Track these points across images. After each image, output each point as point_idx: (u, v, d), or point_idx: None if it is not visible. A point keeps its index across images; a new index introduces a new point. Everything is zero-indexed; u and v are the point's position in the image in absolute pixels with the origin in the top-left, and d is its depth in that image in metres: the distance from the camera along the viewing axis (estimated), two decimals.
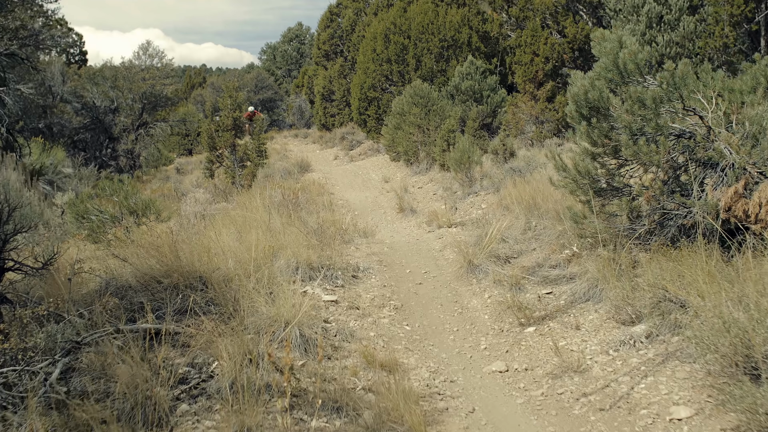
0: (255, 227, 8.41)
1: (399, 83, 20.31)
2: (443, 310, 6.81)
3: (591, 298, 6.38)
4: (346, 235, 9.08)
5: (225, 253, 6.77)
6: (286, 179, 15.92)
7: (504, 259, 7.68)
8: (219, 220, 9.06)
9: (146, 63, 25.55)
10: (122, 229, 7.38)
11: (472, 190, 12.93)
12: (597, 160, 7.28)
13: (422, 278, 7.73)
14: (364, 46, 21.58)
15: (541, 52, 17.40)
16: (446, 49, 19.98)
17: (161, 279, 5.85)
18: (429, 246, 9.11)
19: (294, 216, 9.71)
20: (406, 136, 16.93)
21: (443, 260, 8.35)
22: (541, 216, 8.83)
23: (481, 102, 18.24)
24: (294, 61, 52.36)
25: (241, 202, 11.54)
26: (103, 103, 24.08)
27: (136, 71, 24.82)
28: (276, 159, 20.31)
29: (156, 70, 25.52)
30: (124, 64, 25.15)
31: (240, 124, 14.69)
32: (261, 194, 11.49)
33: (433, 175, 15.52)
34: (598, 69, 7.18)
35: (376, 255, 8.48)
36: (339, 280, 7.11)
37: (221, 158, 14.95)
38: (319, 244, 8.07)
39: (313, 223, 8.80)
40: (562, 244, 7.68)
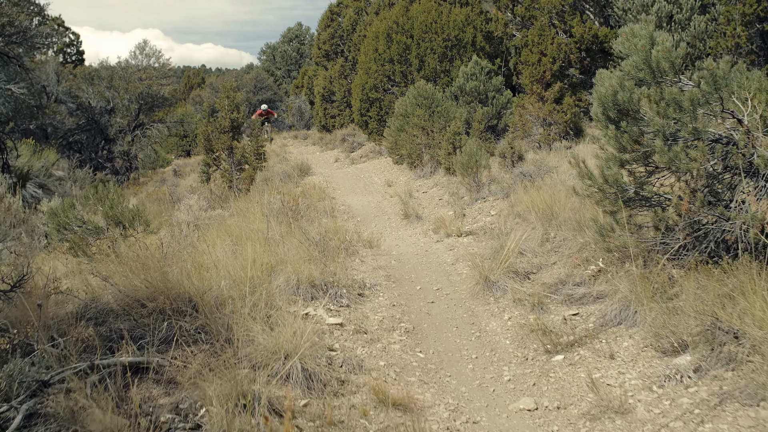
0: (252, 239, 7.74)
1: (401, 84, 19.63)
2: (459, 334, 6.12)
3: (623, 321, 5.71)
4: (350, 247, 8.40)
5: (219, 269, 6.08)
6: (286, 183, 15.24)
7: (523, 275, 6.99)
8: (213, 231, 8.38)
9: (143, 63, 24.85)
10: (107, 242, 6.71)
11: (480, 196, 12.27)
12: (625, 167, 6.63)
13: (434, 296, 7.04)
14: (365, 46, 20.90)
15: (549, 52, 16.73)
16: (450, 48, 19.31)
17: (146, 302, 5.16)
18: (439, 258, 8.43)
19: (294, 225, 9.04)
20: (409, 139, 16.25)
21: (456, 275, 7.66)
22: (559, 226, 8.15)
23: (486, 103, 17.57)
24: (294, 61, 51.68)
25: (238, 209, 10.87)
26: (99, 104, 23.36)
27: (132, 71, 24.10)
28: (275, 161, 19.63)
29: (153, 70, 24.81)
30: (121, 63, 24.43)
31: (237, 125, 14.00)
32: (259, 200, 10.82)
33: (438, 179, 14.84)
34: (627, 68, 6.51)
35: (383, 269, 7.79)
36: (344, 299, 6.42)
37: (218, 161, 14.26)
38: (322, 257, 7.39)
39: (315, 233, 8.12)
40: (585, 258, 7.00)
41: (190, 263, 6.40)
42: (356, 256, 8.26)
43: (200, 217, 9.76)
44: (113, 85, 23.53)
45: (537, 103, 16.20)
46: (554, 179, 11.49)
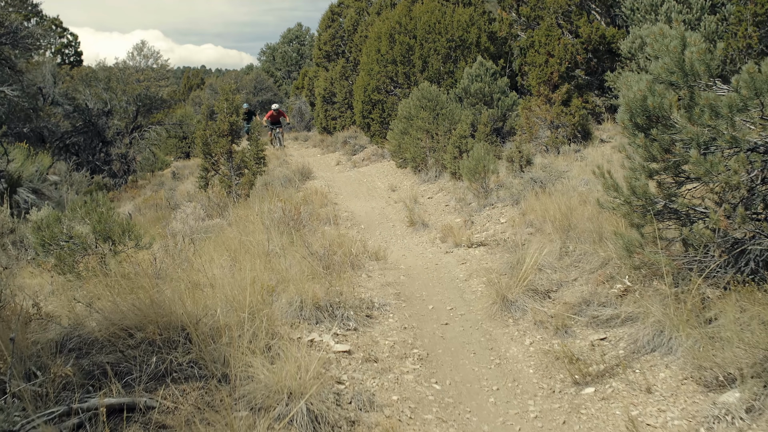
0: (251, 252, 7.22)
1: (404, 85, 19.10)
2: (477, 361, 5.58)
3: (657, 347, 5.18)
4: (356, 260, 7.86)
5: (215, 290, 5.55)
6: (287, 188, 14.71)
7: (543, 293, 6.45)
8: (210, 244, 7.85)
9: (141, 64, 24.31)
10: (96, 259, 6.19)
11: (488, 202, 11.74)
12: (653, 177, 6.11)
13: (448, 316, 6.49)
14: (367, 47, 20.36)
15: (557, 53, 16.21)
16: (453, 49, 18.78)
17: (134, 331, 4.64)
18: (451, 273, 7.88)
19: (296, 236, 8.52)
20: (413, 142, 15.73)
21: (470, 292, 7.11)
22: (577, 238, 7.62)
23: (491, 105, 17.06)
24: (294, 62, 51.13)
25: (237, 217, 10.34)
26: (96, 106, 22.86)
27: (130, 72, 23.57)
28: (275, 165, 19.09)
29: (151, 71, 24.28)
30: (118, 65, 23.91)
31: (237, 129, 13.47)
32: (259, 208, 10.31)
33: (444, 184, 14.32)
34: (656, 70, 5.96)
35: (392, 286, 7.24)
36: (351, 322, 5.88)
37: (217, 166, 13.73)
38: (326, 274, 6.87)
39: (318, 246, 7.58)
40: (609, 275, 6.48)
41: (184, 283, 5.88)
42: (362, 270, 7.72)
43: (197, 227, 9.23)
44: (111, 87, 23.03)
45: (544, 105, 15.68)
46: (566, 185, 10.98)
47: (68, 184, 19.68)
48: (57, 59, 33.45)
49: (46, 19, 34.42)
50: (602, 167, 6.30)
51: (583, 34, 18.06)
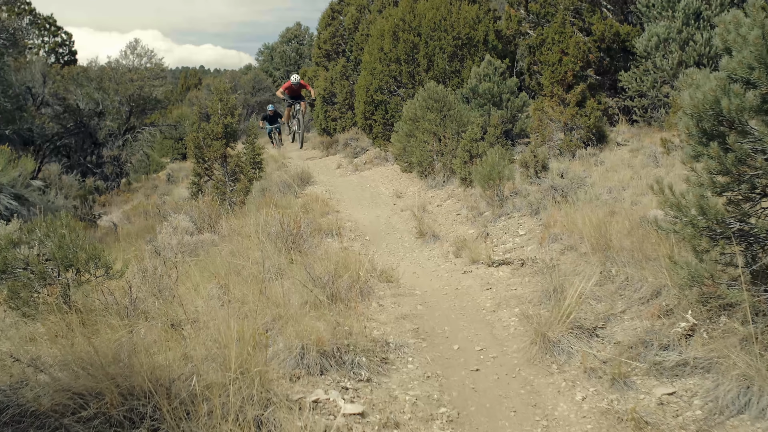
0: (244, 278, 6.13)
1: (409, 85, 18.02)
2: (520, 423, 4.44)
3: (746, 408, 4.11)
4: (365, 285, 6.74)
5: (197, 333, 4.47)
6: (285, 194, 13.61)
7: (589, 331, 5.33)
8: (197, 267, 6.74)
9: (134, 63, 23.19)
10: (58, 290, 5.11)
11: (504, 211, 10.67)
12: (723, 194, 5.04)
13: (478, 360, 5.35)
14: (370, 45, 19.27)
15: (571, 51, 15.13)
16: (460, 48, 17.69)
17: (89, 398, 3.55)
18: (475, 301, 6.74)
19: (295, 256, 7.44)
20: (419, 145, 14.64)
21: (501, 327, 5.96)
22: (616, 258, 6.52)
23: (500, 106, 15.98)
24: (293, 62, 49.89)
25: (231, 229, 9.26)
26: (88, 106, 21.73)
27: (123, 71, 22.44)
28: (273, 168, 17.98)
29: (145, 71, 23.15)
30: (111, 63, 22.77)
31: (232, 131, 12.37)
32: (255, 220, 9.22)
33: (452, 190, 13.24)
34: (731, 66, 4.85)
35: (409, 319, 6.11)
36: (363, 370, 4.77)
37: (210, 171, 12.64)
38: (331, 304, 5.79)
39: (321, 269, 6.48)
40: (665, 307, 5.39)
41: (162, 321, 4.80)
42: (372, 297, 6.60)
43: (185, 243, 8.14)
44: (103, 87, 21.90)
45: (558, 106, 14.61)
46: (589, 194, 9.92)
47: (57, 188, 18.59)
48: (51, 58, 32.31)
49: (40, 17, 33.35)
50: (662, 181, 5.21)
51: (596, 31, 17.01)
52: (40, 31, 32.63)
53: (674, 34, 15.48)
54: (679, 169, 11.02)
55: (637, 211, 8.20)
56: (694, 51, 15.12)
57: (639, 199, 9.51)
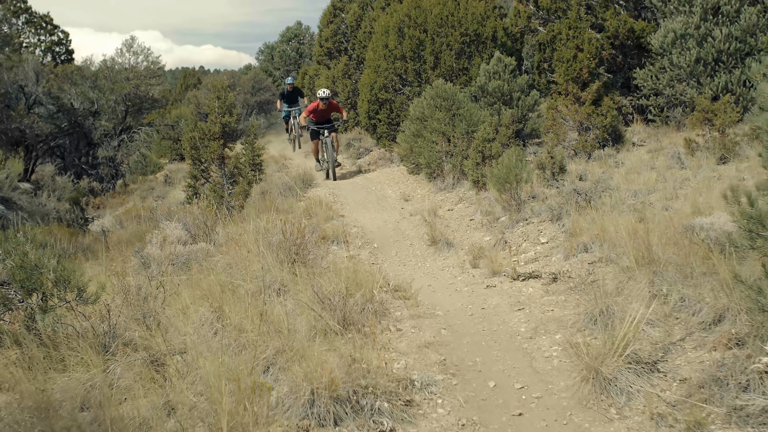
0: (241, 299, 5.27)
1: (414, 83, 17.14)
2: None
3: None
4: (380, 305, 5.87)
5: (182, 378, 3.61)
6: (287, 197, 12.74)
7: (649, 365, 4.45)
8: (189, 286, 5.87)
9: (130, 61, 22.28)
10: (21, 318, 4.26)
11: (521, 217, 9.83)
12: None
13: (519, 401, 4.42)
14: (374, 42, 18.39)
15: (586, 47, 14.28)
16: (468, 44, 16.82)
17: None
18: (506, 324, 5.79)
19: (300, 269, 6.58)
20: (427, 146, 13.77)
21: (541, 358, 5.03)
22: (666, 274, 5.66)
23: (511, 105, 15.13)
24: (293, 61, 48.95)
25: (228, 237, 8.40)
26: (83, 105, 20.83)
27: (119, 69, 21.54)
28: (274, 169, 17.13)
29: (142, 69, 22.25)
30: (106, 62, 21.87)
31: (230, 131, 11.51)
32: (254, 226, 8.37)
33: (463, 193, 12.38)
34: None
35: (433, 347, 5.19)
36: (384, 418, 3.89)
37: (207, 173, 11.78)
38: (343, 330, 4.93)
39: (330, 286, 5.62)
40: (735, 336, 4.53)
41: (141, 359, 3.94)
42: (388, 318, 5.71)
43: (177, 253, 7.28)
44: (98, 85, 21.00)
45: (573, 104, 13.76)
46: (614, 198, 9.08)
47: (50, 190, 17.73)
48: (47, 57, 31.45)
49: (36, 15, 32.47)
50: (737, 189, 4.36)
51: (609, 27, 16.15)
52: (37, 29, 31.77)
53: (692, 29, 14.62)
54: (706, 171, 10.20)
55: (672, 217, 7.36)
56: (713, 47, 14.26)
57: (670, 204, 8.67)
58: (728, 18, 14.31)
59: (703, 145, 11.46)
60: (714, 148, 11.13)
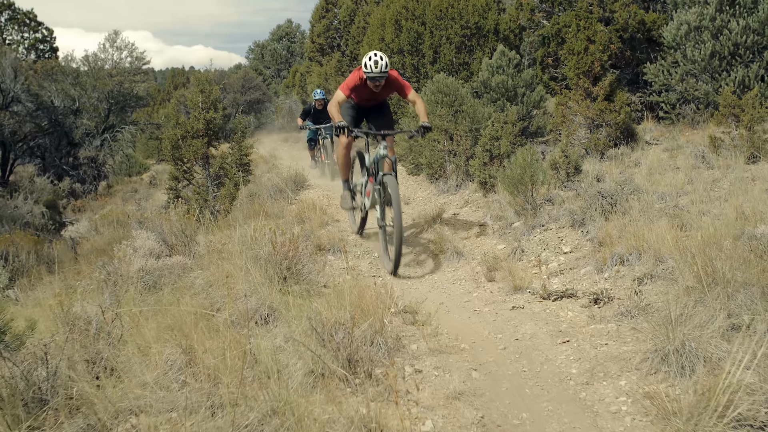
0: (220, 333, 4.14)
1: (413, 79, 16.04)
2: None
3: None
4: (392, 338, 4.70)
5: None
6: (277, 200, 11.57)
7: (757, 430, 3.35)
8: (157, 316, 4.70)
9: (114, 57, 21.05)
10: None
11: (538, 222, 8.74)
12: None
13: None
14: (369, 35, 17.30)
15: (598, 38, 13.18)
16: (469, 38, 15.73)
17: None
18: (551, 362, 4.38)
19: (293, 287, 5.47)
20: (429, 144, 12.65)
21: (606, 413, 3.64)
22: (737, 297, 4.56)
23: (515, 101, 14.06)
24: (284, 60, 47.74)
25: (210, 247, 7.27)
26: (64, 103, 19.59)
27: (101, 65, 20.32)
28: (264, 170, 15.96)
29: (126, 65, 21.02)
30: (89, 58, 20.64)
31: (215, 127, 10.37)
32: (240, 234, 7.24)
33: (469, 196, 11.28)
34: None
35: (465, 398, 3.86)
36: None
37: (190, 174, 10.64)
38: (349, 375, 3.80)
39: (330, 313, 4.49)
40: None
41: None
42: (403, 354, 4.51)
43: (150, 268, 6.13)
44: (80, 82, 19.76)
45: (584, 100, 12.66)
46: (642, 202, 8.01)
47: (27, 192, 16.55)
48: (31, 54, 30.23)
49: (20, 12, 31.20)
50: None
51: (618, 19, 15.09)
52: (20, 26, 30.53)
53: (707, 21, 13.58)
54: (738, 171, 9.13)
55: (715, 225, 6.27)
56: (729, 40, 13.22)
57: (707, 209, 7.59)
58: (745, 9, 13.31)
59: (729, 143, 10.41)
60: (742, 146, 10.08)
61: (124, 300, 5.22)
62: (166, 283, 5.86)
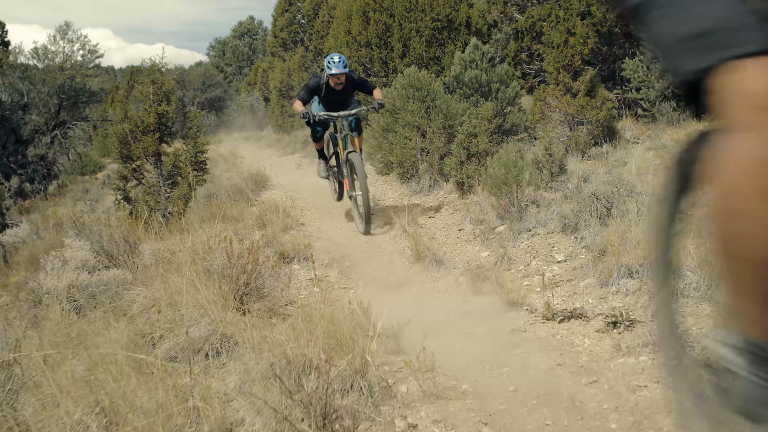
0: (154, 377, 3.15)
1: (381, 73, 15.10)
2: None
3: None
4: (375, 375, 3.74)
5: None
6: (237, 201, 10.53)
7: None
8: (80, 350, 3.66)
9: (65, 50, 19.74)
10: None
11: (524, 227, 7.86)
12: None
13: None
14: (335, 28, 16.31)
15: (578, 31, 12.36)
16: (440, 31, 14.83)
17: None
18: (581, 411, 3.20)
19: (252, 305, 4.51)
20: (400, 141, 11.70)
21: None
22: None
23: (489, 97, 13.16)
24: (245, 57, 46.41)
25: (156, 258, 6.26)
26: (11, 98, 18.28)
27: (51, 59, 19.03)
28: (223, 169, 14.93)
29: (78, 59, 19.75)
30: (38, 50, 19.32)
31: (167, 122, 9.33)
32: (192, 242, 6.25)
33: (444, 197, 10.40)
34: None
35: None
36: None
37: (140, 174, 9.57)
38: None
39: (296, 347, 3.52)
40: None
41: None
42: (392, 401, 3.53)
43: (81, 284, 5.09)
44: (28, 76, 18.47)
45: (564, 96, 11.83)
46: (639, 205, 7.17)
47: None
48: None
49: None
50: None
51: (596, 13, 14.29)
52: None
53: None
54: None
55: None
56: None
57: None
58: None
59: None
60: None
61: (45, 327, 4.20)
62: (99, 303, 4.83)
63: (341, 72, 9.05)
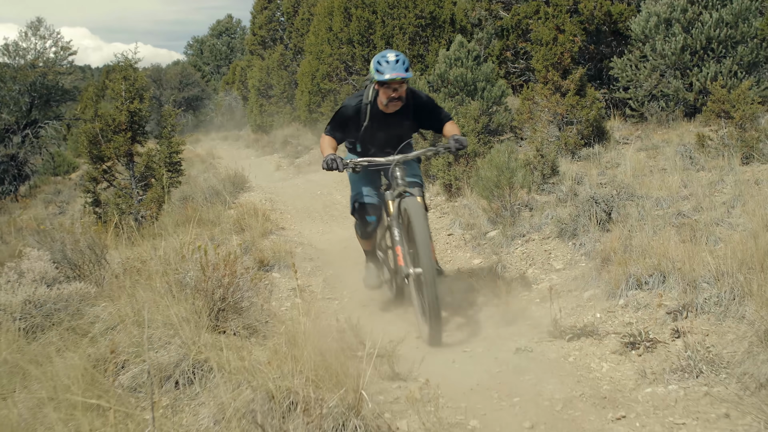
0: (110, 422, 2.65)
1: (363, 71, 14.62)
2: None
3: None
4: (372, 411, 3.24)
5: None
6: (214, 204, 9.99)
7: None
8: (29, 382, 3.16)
9: (36, 46, 19.05)
10: None
11: (518, 232, 7.43)
12: None
13: None
14: (316, 24, 15.82)
15: (568, 28, 11.95)
16: (423, 28, 14.37)
17: None
18: None
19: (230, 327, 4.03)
20: None
21: None
22: None
23: (475, 96, 12.72)
24: (224, 56, 45.70)
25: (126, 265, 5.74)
26: None
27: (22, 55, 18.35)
28: (200, 170, 14.37)
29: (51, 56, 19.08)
30: (8, 46, 18.63)
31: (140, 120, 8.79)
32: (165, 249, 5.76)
33: (430, 200, 9.93)
34: None
35: None
36: None
37: (111, 175, 9.03)
38: None
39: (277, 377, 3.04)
40: None
41: None
42: None
43: (39, 299, 4.57)
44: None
45: (553, 95, 11.41)
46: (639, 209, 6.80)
47: None
48: None
49: None
50: None
51: (584, 11, 13.89)
52: None
53: (677, 13, 12.46)
54: (739, 174, 7.93)
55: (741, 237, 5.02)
56: (702, 33, 12.11)
57: (718, 217, 6.35)
58: (719, 1, 12.24)
59: (719, 142, 9.24)
60: (734, 145, 8.91)
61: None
62: (57, 322, 4.31)
63: (401, 77, 5.01)
